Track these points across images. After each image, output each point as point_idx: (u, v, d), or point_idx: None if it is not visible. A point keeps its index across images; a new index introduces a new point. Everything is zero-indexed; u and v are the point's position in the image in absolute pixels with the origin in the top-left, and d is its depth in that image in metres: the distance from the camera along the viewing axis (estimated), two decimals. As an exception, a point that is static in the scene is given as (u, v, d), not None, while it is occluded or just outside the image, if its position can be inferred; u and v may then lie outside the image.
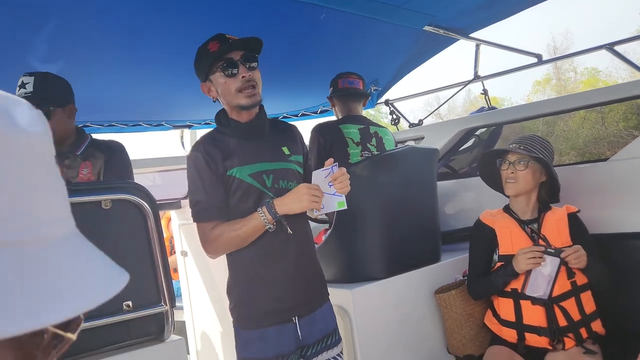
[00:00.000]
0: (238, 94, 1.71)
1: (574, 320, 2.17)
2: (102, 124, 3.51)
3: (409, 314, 2.49)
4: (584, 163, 3.00)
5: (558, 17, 38.70)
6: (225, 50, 1.69)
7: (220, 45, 1.69)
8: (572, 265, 2.15)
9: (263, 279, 1.77)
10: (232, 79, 1.70)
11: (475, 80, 3.75)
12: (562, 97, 3.44)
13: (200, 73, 1.79)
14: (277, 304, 1.76)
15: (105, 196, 1.43)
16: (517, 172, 2.28)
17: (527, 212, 2.35)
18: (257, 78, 1.74)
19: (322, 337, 1.84)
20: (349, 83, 2.71)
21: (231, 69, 1.69)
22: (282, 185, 1.77)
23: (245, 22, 2.63)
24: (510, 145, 2.34)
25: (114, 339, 1.42)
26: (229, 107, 1.79)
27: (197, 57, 1.78)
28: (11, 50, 2.32)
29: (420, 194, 2.66)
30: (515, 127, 13.56)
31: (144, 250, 1.49)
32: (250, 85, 1.71)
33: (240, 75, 1.70)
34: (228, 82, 1.71)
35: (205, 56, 1.73)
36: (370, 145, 2.64)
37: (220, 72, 1.71)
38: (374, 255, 2.45)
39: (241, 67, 1.70)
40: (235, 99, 1.72)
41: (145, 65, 2.86)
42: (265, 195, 1.74)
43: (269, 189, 1.75)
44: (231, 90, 1.71)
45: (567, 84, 26.77)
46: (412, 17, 3.00)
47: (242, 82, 1.70)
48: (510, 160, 2.31)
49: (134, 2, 2.25)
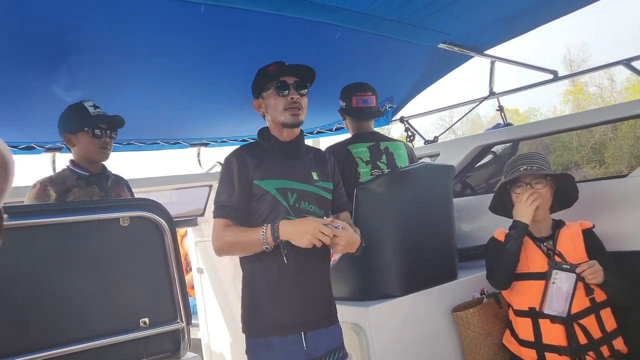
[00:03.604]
0: (284, 111, 1.87)
1: (595, 339, 2.13)
2: (121, 142, 3.56)
3: (425, 333, 2.46)
4: (603, 179, 2.96)
5: (574, 29, 38.37)
6: (281, 73, 1.88)
7: (277, 68, 1.90)
8: (588, 280, 2.12)
9: (275, 292, 1.84)
10: (282, 98, 1.88)
11: (490, 96, 3.74)
12: (578, 114, 3.42)
13: (255, 90, 1.98)
14: (286, 316, 1.83)
15: (124, 213, 1.45)
16: (537, 191, 2.26)
17: (542, 230, 2.33)
18: (304, 103, 1.91)
19: (330, 351, 1.91)
20: (363, 102, 2.71)
21: (283, 89, 1.87)
22: (303, 206, 1.87)
23: (261, 42, 2.67)
24: (521, 167, 2.30)
25: (131, 355, 1.43)
26: (274, 124, 1.95)
27: (256, 76, 1.97)
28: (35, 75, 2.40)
29: (436, 210, 2.65)
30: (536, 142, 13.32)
31: (161, 267, 1.51)
32: (297, 107, 1.88)
33: (289, 96, 1.87)
34: (278, 100, 1.88)
35: (263, 76, 1.92)
36: (380, 163, 2.63)
37: (274, 90, 1.89)
38: (389, 272, 2.43)
39: (292, 89, 1.88)
40: (281, 116, 1.88)
41: (163, 86, 2.91)
42: (284, 210, 1.84)
43: (291, 206, 1.85)
44: (279, 108, 1.88)
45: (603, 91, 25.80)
46: (427, 35, 3.02)
47: (290, 102, 1.87)
48: (526, 182, 2.29)
49: (153, 26, 2.30)
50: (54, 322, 1.31)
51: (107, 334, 1.37)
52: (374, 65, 3.34)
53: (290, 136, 1.94)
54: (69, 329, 1.33)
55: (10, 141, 3.09)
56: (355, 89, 2.72)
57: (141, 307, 1.46)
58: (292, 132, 1.93)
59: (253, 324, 1.86)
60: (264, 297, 1.85)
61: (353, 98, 2.72)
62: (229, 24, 2.43)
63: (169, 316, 1.51)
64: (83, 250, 1.39)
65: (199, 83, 2.95)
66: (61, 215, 1.37)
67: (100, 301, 1.39)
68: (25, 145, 3.17)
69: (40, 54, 2.26)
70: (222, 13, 2.29)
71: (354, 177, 2.57)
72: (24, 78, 2.42)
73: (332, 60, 3.10)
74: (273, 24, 2.50)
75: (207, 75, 2.82)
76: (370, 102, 2.72)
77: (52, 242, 1.35)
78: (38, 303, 1.30)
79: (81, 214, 1.39)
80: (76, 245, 1.38)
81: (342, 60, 3.13)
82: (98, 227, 1.42)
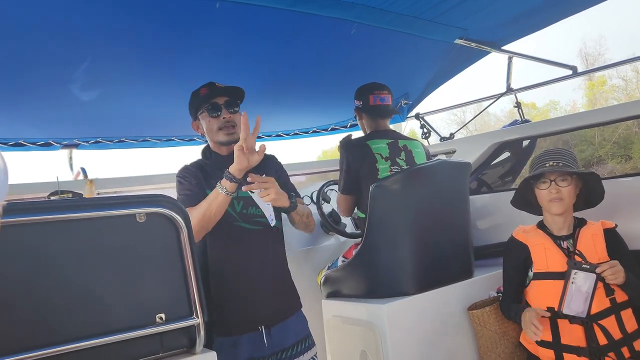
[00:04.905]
0: (219, 131, 2.03)
1: (615, 339, 2.09)
2: (136, 139, 3.59)
3: (441, 331, 2.44)
4: (624, 177, 2.91)
5: (591, 22, 37.59)
6: (212, 95, 2.03)
7: (208, 90, 2.04)
8: (609, 281, 2.08)
9: (230, 290, 1.99)
10: (215, 119, 2.03)
11: (507, 93, 3.70)
12: (594, 111, 3.36)
13: (192, 112, 2.12)
14: (243, 314, 1.98)
15: (140, 209, 1.45)
16: (562, 189, 2.22)
17: (563, 228, 2.29)
18: (237, 120, 2.01)
19: (294, 343, 2.05)
20: (380, 100, 2.71)
21: (215, 111, 2.02)
22: (250, 211, 2.03)
23: (276, 38, 2.67)
24: (547, 163, 2.27)
25: (148, 350, 1.44)
26: (212, 142, 2.10)
27: (190, 99, 2.11)
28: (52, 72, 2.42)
29: (452, 208, 2.62)
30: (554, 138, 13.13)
31: (176, 263, 1.51)
32: (230, 125, 2.02)
33: (222, 117, 2.02)
34: (212, 122, 2.04)
35: (195, 99, 2.08)
36: (399, 160, 2.62)
37: (206, 113, 2.04)
38: (405, 270, 2.42)
39: (224, 110, 2.02)
40: (216, 136, 2.05)
41: (179, 83, 2.92)
42: (232, 217, 1.99)
43: (238, 213, 2.01)
44: (214, 129, 2.04)
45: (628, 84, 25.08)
46: (443, 30, 2.99)
47: (224, 122, 2.02)
48: (551, 179, 2.25)
49: (169, 23, 2.31)
50: (72, 317, 1.32)
51: (124, 329, 1.37)
52: (389, 61, 3.32)
53: (230, 150, 1.99)
54: (86, 324, 1.34)
55: (28, 138, 3.13)
56: (372, 88, 2.73)
57: (157, 302, 1.46)
58: (230, 147, 1.99)
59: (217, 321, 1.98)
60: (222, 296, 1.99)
61: (370, 97, 2.72)
62: (244, 20, 2.43)
63: (185, 312, 1.51)
64: (99, 246, 1.40)
65: (215, 80, 2.96)
66: (78, 211, 1.37)
67: (117, 297, 1.40)
68: (42, 142, 3.21)
69: (56, 51, 2.28)
70: (237, 9, 2.29)
71: (372, 173, 2.56)
72: (40, 76, 2.45)
73: (347, 56, 3.09)
74: (288, 20, 2.50)
75: (222, 72, 2.82)
76: (387, 101, 2.72)
77: (69, 238, 1.36)
78: (56, 298, 1.31)
79: (97, 210, 1.40)
80: (93, 241, 1.39)
81: (357, 56, 3.11)
82: (114, 223, 1.43)
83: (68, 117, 3.04)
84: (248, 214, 2.02)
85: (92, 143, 3.41)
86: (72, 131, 3.26)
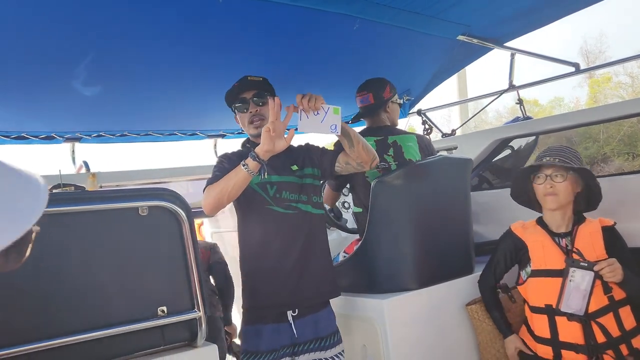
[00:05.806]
0: (249, 125, 2.11)
1: (613, 337, 2.10)
2: (139, 133, 3.60)
3: (441, 326, 2.45)
4: (622, 174, 2.91)
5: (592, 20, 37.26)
6: (240, 90, 2.10)
7: (238, 85, 2.11)
8: (607, 278, 2.08)
9: (261, 272, 2.04)
10: (244, 114, 2.11)
11: (510, 89, 3.70)
12: (597, 108, 3.35)
13: (230, 107, 2.20)
14: (274, 299, 2.01)
15: (143, 203, 1.46)
16: (556, 185, 2.23)
17: (562, 226, 2.29)
18: (266, 112, 2.04)
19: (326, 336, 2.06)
20: (360, 102, 2.80)
21: (243, 107, 2.10)
22: (284, 195, 2.06)
23: (279, 33, 2.66)
24: (544, 159, 2.28)
25: (149, 343, 1.45)
26: (248, 134, 2.19)
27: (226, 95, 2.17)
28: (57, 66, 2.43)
29: (453, 204, 2.63)
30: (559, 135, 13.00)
31: (178, 257, 1.52)
32: (258, 119, 2.08)
33: (249, 111, 2.09)
34: (243, 116, 2.13)
35: (229, 94, 2.15)
36: (386, 156, 2.63)
37: (237, 108, 2.13)
38: (405, 265, 2.43)
39: (251, 104, 2.09)
40: (247, 129, 2.14)
41: (181, 78, 2.93)
42: (265, 201, 2.03)
43: (271, 197, 2.04)
44: (245, 123, 2.13)
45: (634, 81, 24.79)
46: (446, 27, 2.99)
47: (251, 116, 2.09)
48: (546, 174, 2.26)
49: (172, 18, 2.31)
50: (75, 309, 1.34)
51: (126, 322, 1.39)
52: (391, 57, 3.32)
53: None
54: (88, 316, 1.35)
55: (31, 131, 3.14)
56: (357, 90, 2.80)
57: (159, 295, 1.47)
58: None
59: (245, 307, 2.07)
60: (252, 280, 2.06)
61: (356, 99, 2.79)
62: (247, 16, 2.43)
63: (186, 305, 1.52)
64: (102, 239, 1.41)
65: (217, 75, 2.96)
66: (80, 204, 1.38)
67: (119, 289, 1.41)
68: (45, 135, 3.22)
69: (60, 45, 2.28)
70: (240, 5, 2.30)
71: None
72: (44, 69, 2.45)
73: (350, 52, 3.09)
74: (290, 15, 2.50)
75: (225, 67, 2.82)
76: (366, 100, 2.75)
77: (71, 231, 1.37)
78: (58, 291, 1.32)
79: (100, 203, 1.41)
80: (95, 234, 1.40)
81: (359, 51, 3.11)
82: (117, 216, 1.44)
83: (71, 111, 3.05)
84: (282, 197, 2.05)
85: (94, 137, 3.43)
86: (74, 124, 3.27)
